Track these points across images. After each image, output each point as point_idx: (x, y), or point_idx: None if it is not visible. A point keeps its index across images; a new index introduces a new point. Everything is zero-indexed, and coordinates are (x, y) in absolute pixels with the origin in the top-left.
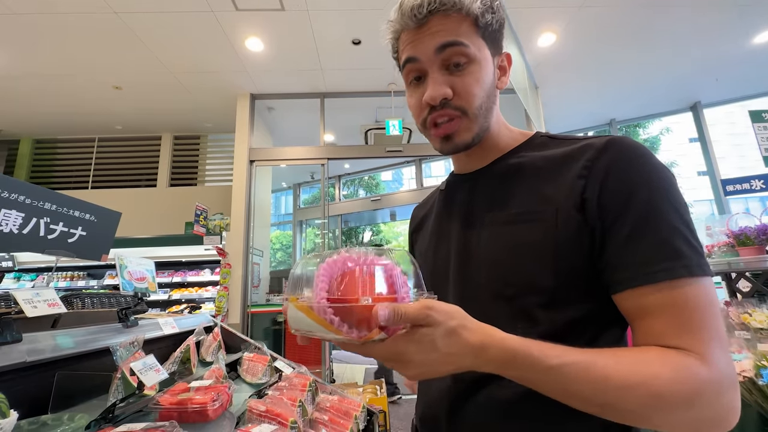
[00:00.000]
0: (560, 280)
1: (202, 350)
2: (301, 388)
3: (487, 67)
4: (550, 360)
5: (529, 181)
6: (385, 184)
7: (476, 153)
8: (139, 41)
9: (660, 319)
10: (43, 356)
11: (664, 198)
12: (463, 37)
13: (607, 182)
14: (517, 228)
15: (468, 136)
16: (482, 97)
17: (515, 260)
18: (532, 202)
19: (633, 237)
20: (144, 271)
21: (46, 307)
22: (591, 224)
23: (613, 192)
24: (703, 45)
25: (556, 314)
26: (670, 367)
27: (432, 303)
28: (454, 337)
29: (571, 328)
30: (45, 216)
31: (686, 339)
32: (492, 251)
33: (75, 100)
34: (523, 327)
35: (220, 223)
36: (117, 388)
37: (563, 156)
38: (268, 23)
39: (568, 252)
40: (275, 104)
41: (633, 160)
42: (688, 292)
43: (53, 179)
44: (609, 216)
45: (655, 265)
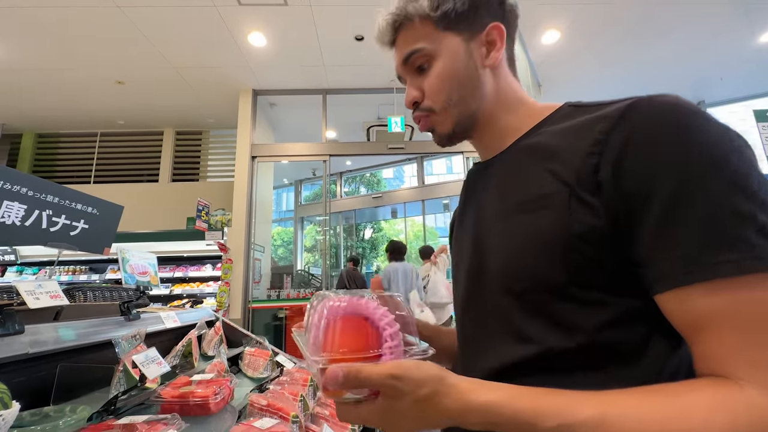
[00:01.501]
0: (576, 276)
1: (203, 344)
2: (303, 383)
3: (453, 57)
4: (546, 422)
5: (541, 162)
6: (387, 181)
7: (487, 138)
8: (142, 36)
9: (716, 336)
10: (45, 348)
11: (711, 175)
12: (420, 42)
13: (623, 163)
14: (527, 217)
15: (446, 128)
16: (450, 89)
17: (524, 252)
18: (543, 187)
19: (668, 224)
20: (146, 265)
21: (48, 299)
22: (611, 210)
23: (633, 171)
24: (708, 44)
25: (583, 315)
26: (727, 409)
27: (401, 370)
28: (427, 405)
29: (613, 331)
30: (47, 208)
31: (749, 366)
32: (502, 242)
33: (77, 95)
34: (542, 329)
35: (221, 218)
36: (119, 381)
37: (577, 128)
38: (271, 18)
39: (582, 243)
40: (277, 100)
41: (659, 133)
42: (758, 295)
43: (56, 174)
44: (633, 199)
45: (704, 257)
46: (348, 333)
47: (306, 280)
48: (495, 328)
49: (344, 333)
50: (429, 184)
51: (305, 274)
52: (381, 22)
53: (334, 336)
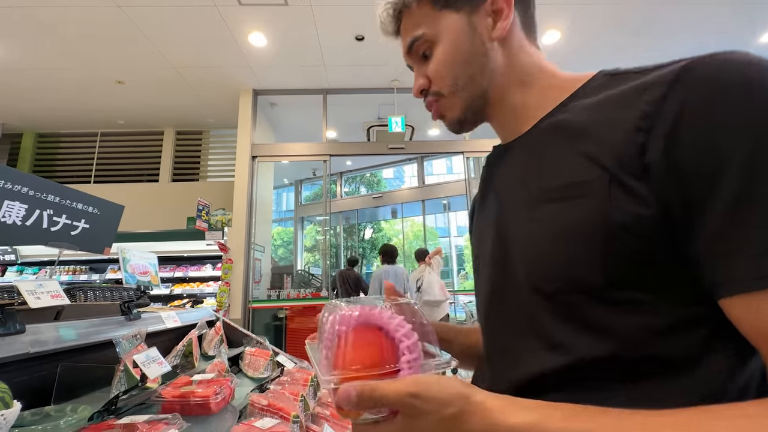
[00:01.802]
0: (616, 276)
1: (204, 344)
2: (303, 383)
3: (454, 37)
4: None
5: (571, 142)
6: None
7: (504, 118)
8: (142, 36)
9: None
10: (46, 348)
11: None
12: (419, 28)
13: (679, 137)
14: (557, 206)
15: (455, 113)
16: (455, 69)
17: (555, 248)
18: (575, 172)
19: (739, 212)
20: (147, 265)
21: (49, 299)
22: (663, 196)
23: (691, 152)
24: (709, 44)
25: (625, 320)
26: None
27: (421, 387)
28: (451, 426)
29: (661, 340)
30: (48, 208)
31: None
32: (528, 235)
33: (77, 95)
34: (575, 334)
35: (222, 218)
36: (120, 380)
37: (616, 100)
38: (272, 18)
39: (626, 237)
40: (278, 100)
41: (725, 94)
42: None
43: (56, 173)
44: (692, 185)
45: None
46: (361, 346)
47: (306, 280)
48: (522, 331)
49: (357, 347)
50: (429, 184)
51: (305, 274)
52: (382, 14)
53: (346, 350)
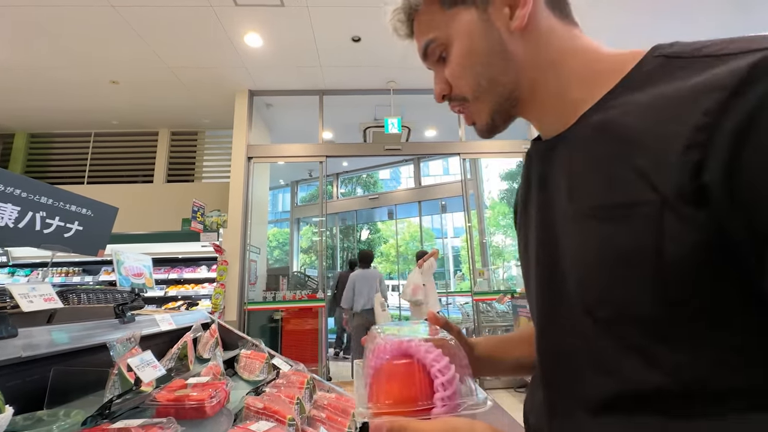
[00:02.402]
0: (671, 307)
1: (199, 347)
2: (299, 386)
3: (467, 37)
4: None
5: (621, 153)
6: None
7: (541, 112)
8: (137, 36)
9: None
10: (38, 351)
11: None
12: (431, 32)
13: (744, 156)
14: (606, 225)
15: (485, 117)
16: (475, 70)
17: (605, 273)
18: (625, 190)
19: None
20: (141, 267)
21: (42, 302)
22: (724, 222)
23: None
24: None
25: (684, 353)
26: None
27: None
28: None
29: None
30: (41, 210)
31: None
32: (578, 253)
33: (71, 95)
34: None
35: (217, 219)
36: (114, 384)
37: (672, 103)
38: (268, 19)
39: (681, 269)
40: (274, 101)
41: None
42: None
43: (48, 174)
44: (760, 211)
45: None
46: (396, 380)
47: (302, 281)
48: (580, 351)
49: (392, 380)
50: (425, 186)
51: (301, 275)
52: (392, 21)
53: (380, 383)
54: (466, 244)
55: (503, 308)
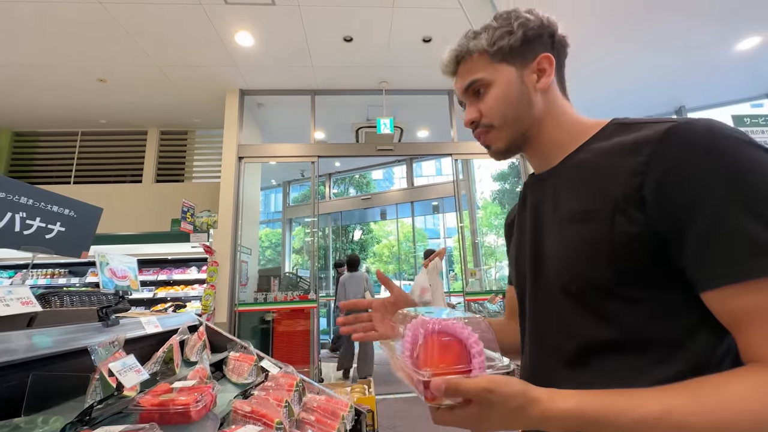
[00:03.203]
0: (621, 277)
1: (186, 350)
2: (288, 388)
3: (507, 84)
4: (620, 418)
5: (590, 177)
6: (376, 182)
7: (539, 154)
8: (125, 33)
9: (755, 329)
10: (16, 357)
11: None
12: (479, 73)
13: (668, 179)
14: (578, 227)
15: (502, 144)
16: (506, 109)
17: (576, 258)
18: (591, 200)
19: (709, 235)
20: (126, 269)
21: (19, 306)
22: (654, 221)
23: (675, 190)
24: (689, 50)
25: (627, 310)
26: (762, 399)
27: (494, 385)
28: (514, 415)
29: (656, 326)
30: (21, 210)
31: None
32: (557, 249)
33: (57, 92)
34: (589, 321)
35: (207, 220)
36: (95, 390)
37: (624, 148)
38: (258, 18)
39: (627, 251)
40: (265, 100)
41: (698, 157)
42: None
43: (34, 174)
44: (675, 213)
45: (740, 262)
46: (443, 350)
47: (294, 282)
48: (551, 321)
49: (440, 350)
50: (418, 186)
51: (293, 276)
52: (445, 56)
53: (432, 353)
54: (458, 245)
55: (495, 308)
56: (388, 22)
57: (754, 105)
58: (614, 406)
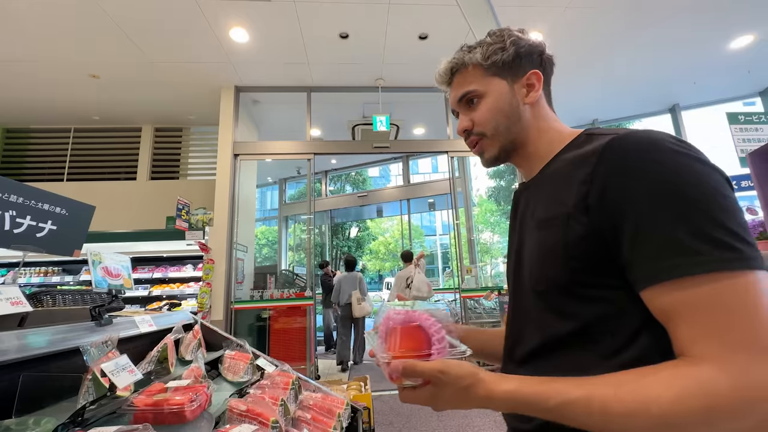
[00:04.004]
0: (577, 276)
1: (181, 349)
2: (284, 387)
3: (498, 96)
4: (549, 402)
5: (555, 186)
6: (373, 179)
7: (525, 163)
8: (117, 28)
9: (680, 324)
10: (6, 357)
11: (676, 195)
12: (473, 84)
13: (607, 188)
14: (543, 232)
15: (493, 152)
16: (497, 119)
17: (540, 262)
18: (553, 208)
19: (639, 237)
20: (119, 267)
21: (8, 306)
22: (599, 226)
23: (612, 197)
24: (683, 49)
25: (582, 308)
26: (678, 384)
27: (446, 367)
28: (463, 393)
29: (607, 323)
30: (11, 209)
31: (705, 345)
32: (529, 252)
33: (48, 88)
34: (552, 317)
35: (202, 218)
36: (88, 390)
37: (579, 160)
38: (254, 14)
39: (580, 250)
40: (261, 97)
41: (632, 164)
42: (708, 290)
43: (26, 171)
44: (614, 219)
45: (662, 261)
46: (406, 337)
47: (290, 279)
48: (526, 318)
49: (403, 337)
50: (414, 183)
51: (289, 273)
52: (441, 67)
53: (396, 339)
54: (454, 242)
55: (490, 305)
56: (384, 18)
57: (746, 103)
58: (545, 391)
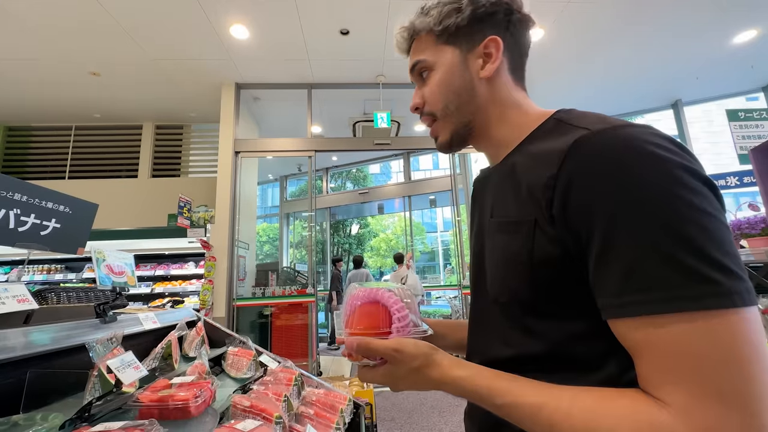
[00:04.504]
0: (541, 294)
1: (184, 345)
2: (287, 383)
3: (448, 69)
4: (497, 399)
5: (516, 185)
6: (373, 177)
7: (486, 148)
8: (117, 25)
9: (643, 360)
10: (13, 354)
11: (644, 215)
12: (424, 53)
13: (569, 198)
14: (505, 237)
15: (446, 135)
16: (446, 97)
17: (503, 270)
18: (515, 211)
19: (602, 261)
20: (123, 265)
21: (15, 303)
22: (564, 241)
23: (576, 210)
24: (685, 45)
25: (550, 327)
26: (631, 422)
27: (401, 346)
28: (417, 374)
29: (577, 344)
30: (15, 207)
31: (668, 390)
32: (490, 258)
33: (49, 86)
34: (518, 334)
35: (204, 215)
36: (94, 386)
37: (544, 156)
38: (254, 10)
39: (546, 266)
40: (261, 94)
41: (598, 173)
42: (676, 332)
43: (27, 169)
44: (578, 235)
45: (627, 294)
46: (366, 314)
47: (292, 276)
48: (487, 328)
49: (363, 315)
50: (415, 180)
51: (291, 270)
52: (397, 35)
53: (355, 317)
54: (455, 239)
55: None
56: (385, 14)
57: (749, 98)
58: (498, 388)
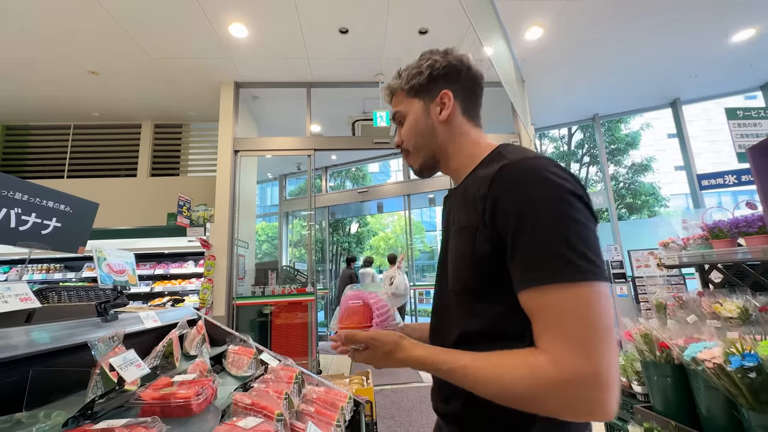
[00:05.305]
0: (482, 282)
1: (185, 344)
2: (287, 381)
3: (417, 116)
4: (442, 366)
5: (466, 200)
6: (373, 175)
7: (450, 173)
8: (116, 24)
9: (534, 321)
10: (16, 352)
11: (537, 220)
12: (399, 106)
13: (496, 209)
14: (459, 239)
15: (417, 165)
16: (415, 137)
17: (457, 264)
18: (465, 218)
19: (513, 251)
20: (124, 264)
21: (17, 302)
22: (493, 240)
23: (498, 217)
24: (684, 43)
25: (487, 308)
26: (518, 367)
27: (376, 335)
28: (389, 355)
29: (506, 320)
30: (16, 206)
31: (545, 341)
32: (450, 256)
33: (48, 85)
34: (466, 316)
35: (203, 214)
36: (96, 384)
37: (482, 179)
38: (252, 9)
39: (483, 260)
40: (261, 93)
41: (512, 191)
42: (552, 298)
43: (26, 168)
44: (501, 235)
45: (525, 273)
46: (354, 312)
47: (291, 275)
48: (445, 313)
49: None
50: (414, 179)
51: (290, 269)
52: (381, 92)
53: (345, 314)
54: None
55: None
56: (384, 13)
57: (748, 97)
58: (443, 359)
